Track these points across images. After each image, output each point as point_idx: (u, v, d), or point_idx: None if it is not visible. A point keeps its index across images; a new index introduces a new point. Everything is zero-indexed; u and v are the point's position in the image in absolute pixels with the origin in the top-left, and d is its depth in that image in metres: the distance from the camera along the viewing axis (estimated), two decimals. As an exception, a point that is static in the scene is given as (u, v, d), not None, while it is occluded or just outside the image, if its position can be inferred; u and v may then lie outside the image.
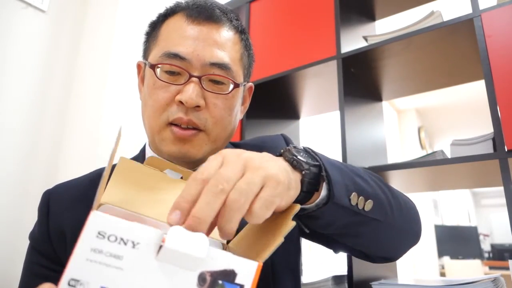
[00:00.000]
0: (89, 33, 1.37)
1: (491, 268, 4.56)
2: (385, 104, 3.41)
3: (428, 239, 4.32)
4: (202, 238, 0.29)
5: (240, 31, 0.64)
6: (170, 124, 0.57)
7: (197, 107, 0.57)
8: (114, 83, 1.28)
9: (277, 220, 0.37)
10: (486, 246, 5.92)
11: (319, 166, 0.43)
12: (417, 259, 4.15)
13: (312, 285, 0.94)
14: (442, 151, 1.01)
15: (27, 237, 0.63)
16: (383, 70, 1.20)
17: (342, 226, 0.48)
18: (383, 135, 1.34)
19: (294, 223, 0.35)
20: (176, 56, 0.57)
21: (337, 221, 0.46)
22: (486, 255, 5.50)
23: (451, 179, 1.12)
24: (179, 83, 0.57)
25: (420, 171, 1.02)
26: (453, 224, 5.66)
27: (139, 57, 0.68)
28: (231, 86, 0.60)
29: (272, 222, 0.37)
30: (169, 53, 0.57)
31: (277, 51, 1.32)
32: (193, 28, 0.59)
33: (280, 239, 0.34)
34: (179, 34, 0.58)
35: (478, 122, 4.53)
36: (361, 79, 1.21)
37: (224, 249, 0.40)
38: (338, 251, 0.63)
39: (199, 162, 0.62)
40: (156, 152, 0.63)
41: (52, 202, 0.62)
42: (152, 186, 0.43)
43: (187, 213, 0.31)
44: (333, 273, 0.96)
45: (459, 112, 4.69)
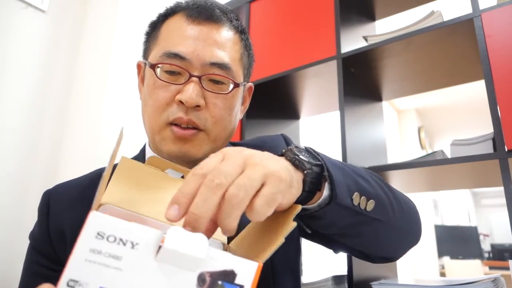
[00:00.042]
0: (89, 33, 1.37)
1: (491, 268, 4.55)
2: (385, 104, 3.42)
3: (428, 239, 4.32)
4: (202, 238, 0.29)
5: (240, 31, 0.65)
6: (170, 124, 0.58)
7: (197, 107, 0.57)
8: (114, 83, 1.28)
9: (278, 220, 0.37)
10: (486, 246, 5.91)
11: (321, 166, 0.43)
12: (417, 259, 4.15)
13: (312, 285, 0.94)
14: (442, 151, 1.01)
15: (27, 237, 0.63)
16: (383, 70, 1.20)
17: (344, 226, 0.48)
18: (383, 135, 1.34)
19: (295, 224, 0.35)
20: (176, 56, 0.57)
21: (339, 221, 0.46)
22: (486, 255, 5.49)
23: (451, 179, 1.12)
24: (179, 83, 0.57)
25: (420, 171, 1.01)
26: (453, 224, 5.66)
27: (139, 57, 0.68)
28: (231, 86, 0.60)
29: (273, 222, 0.37)
30: (169, 53, 0.57)
31: (277, 51, 1.32)
32: (193, 28, 0.59)
33: (281, 240, 0.33)
34: (179, 34, 0.59)
35: (478, 122, 4.53)
36: (361, 79, 1.21)
37: (225, 249, 0.40)
38: (338, 251, 0.63)
39: (199, 162, 0.62)
40: (156, 152, 0.63)
41: (52, 202, 0.62)
42: (154, 186, 0.43)
43: (186, 208, 0.31)
44: (333, 273, 0.96)
45: (459, 112, 4.69)
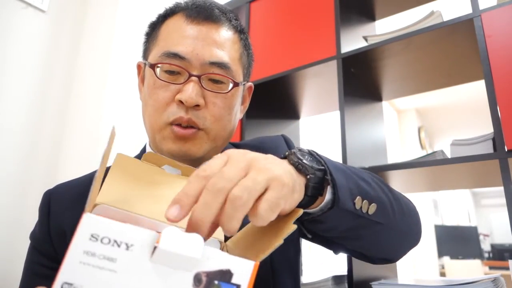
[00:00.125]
0: (89, 33, 1.37)
1: (491, 268, 4.55)
2: (385, 104, 3.42)
3: (428, 239, 4.32)
4: (197, 238, 0.29)
5: (239, 31, 0.65)
6: (171, 124, 0.58)
7: (197, 106, 0.57)
8: (114, 83, 1.28)
9: (278, 223, 0.37)
10: (486, 246, 5.91)
11: (324, 170, 0.42)
12: (417, 259, 4.14)
13: (312, 285, 0.94)
14: (442, 151, 1.01)
15: (27, 237, 0.63)
16: (383, 70, 1.20)
17: (345, 230, 0.48)
18: (383, 135, 1.34)
19: (295, 227, 0.35)
20: (176, 56, 0.57)
21: (341, 225, 0.46)
22: (486, 255, 5.49)
23: (451, 179, 1.12)
24: (179, 83, 0.58)
25: (420, 171, 1.01)
26: (453, 224, 5.66)
27: (139, 57, 0.68)
28: (231, 85, 0.60)
29: (273, 224, 0.37)
30: (169, 53, 0.57)
31: (277, 51, 1.32)
32: (193, 28, 0.59)
33: (280, 241, 0.33)
34: (179, 34, 0.59)
35: (478, 122, 4.52)
36: (361, 79, 1.21)
37: (222, 248, 0.39)
38: (338, 252, 0.63)
39: (200, 160, 0.62)
40: (157, 151, 0.63)
41: (53, 202, 0.62)
42: (150, 182, 0.43)
43: (187, 209, 0.31)
44: (333, 273, 0.96)
45: (459, 112, 4.69)
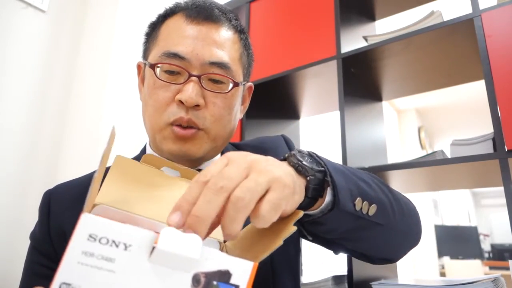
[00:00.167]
0: (89, 33, 1.37)
1: (491, 268, 4.55)
2: (385, 104, 3.42)
3: (428, 239, 4.32)
4: (196, 239, 0.28)
5: (239, 31, 0.65)
6: (171, 124, 0.58)
7: (197, 106, 0.57)
8: (114, 83, 1.28)
9: (278, 225, 0.37)
10: (486, 246, 5.91)
11: (324, 172, 0.42)
12: (417, 259, 4.15)
13: (312, 285, 0.94)
14: (442, 151, 1.01)
15: (27, 237, 0.63)
16: (383, 70, 1.20)
17: (345, 231, 0.48)
18: (383, 135, 1.34)
19: (295, 228, 0.35)
20: (176, 56, 0.57)
21: (341, 227, 0.46)
22: (486, 255, 5.49)
23: (451, 179, 1.11)
24: (179, 83, 0.58)
25: (420, 171, 1.01)
26: (453, 224, 5.66)
27: (139, 57, 0.68)
28: (231, 85, 0.60)
29: (273, 226, 0.37)
30: (169, 53, 0.57)
31: (277, 51, 1.32)
32: (192, 28, 0.59)
33: (279, 242, 0.33)
34: (179, 34, 0.59)
35: (478, 122, 4.52)
36: (361, 79, 1.21)
37: (221, 248, 0.39)
38: (338, 252, 0.63)
39: (200, 161, 0.62)
40: (157, 152, 0.63)
41: (53, 202, 0.62)
42: (149, 184, 0.43)
43: (188, 214, 0.31)
44: (333, 273, 0.96)
45: (459, 112, 4.69)
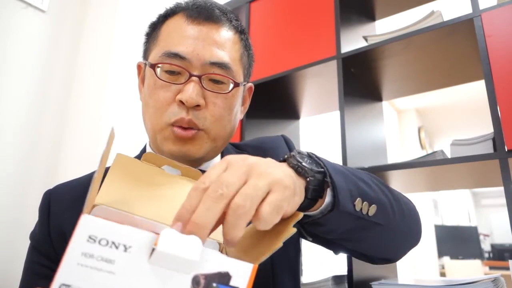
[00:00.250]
0: (89, 33, 1.37)
1: (491, 268, 4.55)
2: (385, 104, 3.41)
3: (428, 239, 4.32)
4: (195, 241, 0.28)
5: (240, 31, 0.65)
6: (172, 125, 0.57)
7: (197, 106, 0.57)
8: (114, 83, 1.28)
9: (278, 226, 0.37)
10: (486, 246, 5.91)
11: (323, 173, 0.42)
12: (417, 259, 4.15)
13: (312, 285, 0.94)
14: (442, 151, 1.01)
15: (27, 237, 0.63)
16: (383, 70, 1.20)
17: (345, 232, 0.48)
18: (383, 135, 1.34)
19: (295, 230, 0.35)
20: (176, 56, 0.57)
21: (341, 227, 0.46)
22: (486, 255, 5.49)
23: (451, 179, 1.12)
24: (179, 83, 0.58)
25: (420, 171, 1.01)
26: (453, 224, 5.66)
27: (139, 57, 0.68)
28: (231, 86, 0.60)
29: (273, 227, 0.37)
30: (169, 53, 0.57)
31: (277, 51, 1.32)
32: (193, 28, 0.59)
33: (279, 244, 0.33)
34: (179, 34, 0.59)
35: (478, 122, 4.52)
36: (361, 79, 1.21)
37: (221, 249, 0.39)
38: (338, 252, 0.63)
39: (200, 161, 0.62)
40: (157, 152, 0.63)
41: (53, 202, 0.62)
42: (150, 182, 0.42)
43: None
44: (333, 273, 0.96)
45: (459, 112, 4.69)
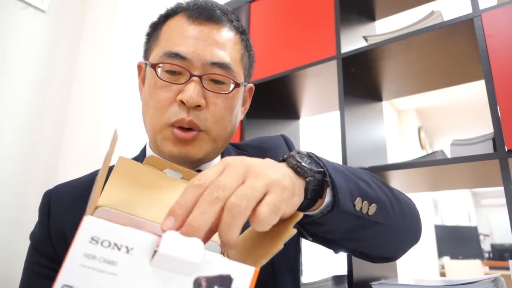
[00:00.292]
0: (89, 33, 1.37)
1: (491, 268, 4.55)
2: (385, 104, 3.41)
3: (428, 239, 4.32)
4: (197, 243, 0.28)
5: (241, 32, 0.65)
6: (172, 125, 0.57)
7: (198, 107, 0.57)
8: (114, 83, 1.28)
9: (278, 227, 0.37)
10: (486, 246, 5.91)
11: (323, 173, 0.42)
12: (417, 259, 4.15)
13: (312, 285, 0.94)
14: (442, 151, 1.01)
15: (27, 237, 0.63)
16: (383, 70, 1.20)
17: (345, 231, 0.48)
18: (383, 135, 1.34)
19: (295, 231, 0.35)
20: (177, 56, 0.57)
21: (341, 227, 0.46)
22: (486, 255, 5.49)
23: (451, 179, 1.12)
24: (180, 83, 0.57)
25: (420, 171, 1.01)
26: (453, 224, 5.66)
27: (139, 57, 0.68)
28: (232, 86, 0.60)
29: (273, 228, 0.36)
30: (170, 53, 0.57)
31: (277, 51, 1.32)
32: (194, 28, 0.59)
33: (280, 246, 0.33)
34: (180, 34, 0.59)
35: (478, 122, 4.53)
36: (361, 79, 1.21)
37: (223, 252, 0.39)
38: (338, 251, 0.63)
39: (200, 162, 0.62)
40: (157, 152, 0.63)
41: (53, 202, 0.62)
42: (152, 186, 0.42)
43: (181, 220, 0.31)
44: (333, 273, 0.96)
45: (459, 112, 4.70)
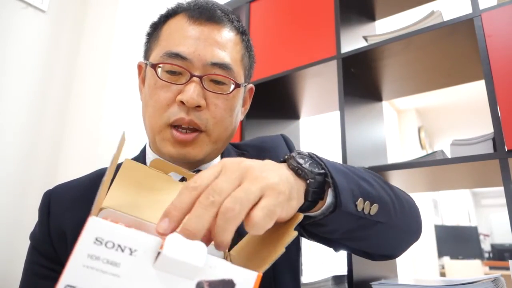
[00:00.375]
0: (89, 33, 1.37)
1: (491, 268, 4.56)
2: (385, 104, 3.41)
3: (428, 239, 4.32)
4: (201, 246, 0.28)
5: (241, 32, 0.65)
6: (172, 126, 0.57)
7: (198, 107, 0.57)
8: (114, 83, 1.28)
9: (279, 229, 0.36)
10: (486, 246, 5.91)
11: (324, 174, 0.42)
12: (417, 259, 4.15)
13: (312, 285, 0.94)
14: (442, 151, 1.01)
15: (27, 238, 0.63)
16: (383, 70, 1.20)
17: (346, 231, 0.48)
18: (383, 135, 1.34)
19: (296, 233, 0.35)
20: (177, 56, 0.57)
21: (342, 227, 0.46)
22: (486, 255, 5.49)
23: (451, 179, 1.12)
24: (180, 83, 0.57)
25: (420, 171, 1.01)
26: (453, 224, 5.66)
27: (139, 57, 0.68)
28: (232, 86, 0.60)
29: (274, 231, 0.37)
30: (170, 53, 0.57)
31: (277, 51, 1.32)
32: (195, 29, 0.59)
33: (282, 250, 0.33)
34: (181, 34, 0.59)
35: (478, 122, 4.53)
36: (361, 79, 1.21)
37: (225, 257, 0.39)
38: (339, 250, 0.63)
39: (200, 163, 0.62)
40: (157, 153, 0.63)
41: (53, 203, 0.62)
42: (156, 188, 0.43)
43: (176, 222, 0.31)
44: (333, 273, 0.96)
45: (459, 112, 4.70)
